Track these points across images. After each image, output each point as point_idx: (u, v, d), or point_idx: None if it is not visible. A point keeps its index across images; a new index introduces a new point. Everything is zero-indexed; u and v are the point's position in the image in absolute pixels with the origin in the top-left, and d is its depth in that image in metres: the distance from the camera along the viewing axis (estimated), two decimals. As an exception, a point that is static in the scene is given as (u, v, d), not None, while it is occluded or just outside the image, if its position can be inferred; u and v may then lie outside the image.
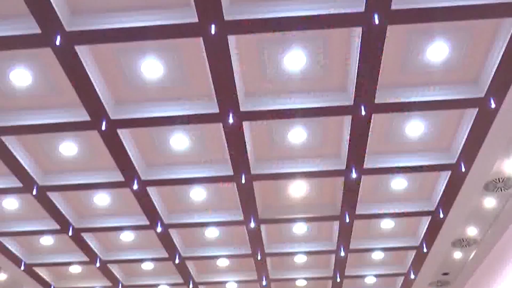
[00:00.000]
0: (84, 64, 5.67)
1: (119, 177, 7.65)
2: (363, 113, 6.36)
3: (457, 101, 6.27)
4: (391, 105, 6.33)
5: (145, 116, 6.44)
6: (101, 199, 8.40)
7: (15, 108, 6.48)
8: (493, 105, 6.25)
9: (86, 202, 8.55)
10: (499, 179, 7.82)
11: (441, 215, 8.67)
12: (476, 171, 7.58)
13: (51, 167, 7.64)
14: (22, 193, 8.01)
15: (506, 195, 8.23)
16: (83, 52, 5.61)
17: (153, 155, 7.46)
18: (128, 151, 7.08)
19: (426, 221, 9.08)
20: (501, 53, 5.65)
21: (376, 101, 6.24)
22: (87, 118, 6.44)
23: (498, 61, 5.75)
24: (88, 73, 5.79)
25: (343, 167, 7.46)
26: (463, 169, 7.46)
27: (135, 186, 7.77)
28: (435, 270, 10.89)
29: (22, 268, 10.34)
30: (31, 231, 9.12)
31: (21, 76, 5.98)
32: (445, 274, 11.11)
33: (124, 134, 6.86)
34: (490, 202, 8.39)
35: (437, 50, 5.78)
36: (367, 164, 7.43)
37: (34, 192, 7.83)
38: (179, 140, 7.10)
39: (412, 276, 11.08)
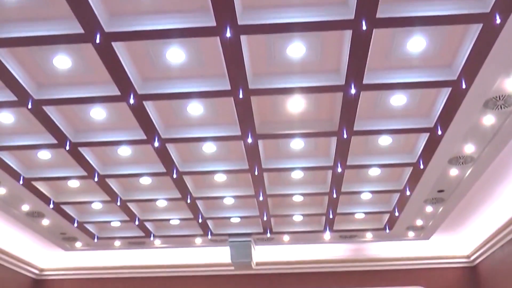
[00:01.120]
0: (76, -27, 5.48)
1: (115, 91, 7.55)
2: (364, 27, 6.21)
3: (460, 16, 6.11)
4: (393, 19, 6.18)
5: (140, 29, 6.28)
6: (97, 113, 8.33)
7: (6, 20, 6.30)
8: (498, 21, 6.10)
9: (82, 116, 8.49)
10: (499, 96, 7.76)
11: (439, 132, 8.65)
12: (477, 88, 7.50)
13: (45, 80, 7.52)
14: (17, 107, 7.93)
15: (506, 113, 8.19)
16: (75, -40, 5.41)
17: (149, 69, 7.34)
18: (123, 64, 6.95)
19: (424, 138, 9.07)
20: (509, -35, 5.46)
21: (378, 15, 6.08)
22: (80, 30, 6.28)
23: (505, -26, 5.58)
24: (80, -17, 5.61)
25: (342, 82, 7.36)
26: (464, 86, 7.37)
27: (132, 101, 7.69)
28: (431, 187, 11.00)
29: (21, 182, 10.41)
30: (28, 145, 9.11)
31: (11, -14, 5.80)
32: (441, 191, 11.23)
33: (119, 48, 6.71)
34: (489, 119, 8.35)
35: (443, -38, 5.58)
36: (367, 80, 7.33)
37: (29, 106, 7.76)
38: (175, 54, 6.96)
39: (408, 193, 11.20)
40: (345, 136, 8.76)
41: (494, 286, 13.71)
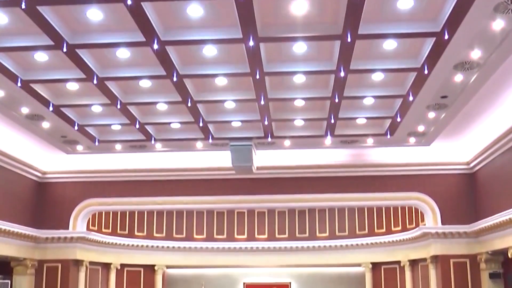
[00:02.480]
0: None
1: (112, -9, 7.31)
2: None
3: None
4: None
5: None
6: (94, 14, 8.06)
7: None
8: None
9: (79, 17, 8.22)
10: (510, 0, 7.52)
11: (446, 37, 8.43)
12: (488, -10, 7.25)
13: (39, -22, 7.26)
14: (10, 7, 7.66)
15: (516, 17, 7.96)
16: None
17: (147, -32, 7.07)
18: (119, -38, 6.68)
19: (430, 43, 8.85)
20: None
21: None
22: None
23: None
24: None
25: (348, -17, 7.12)
26: (474, -12, 7.13)
27: (129, 1, 7.43)
28: (434, 93, 10.89)
29: (19, 84, 10.28)
30: (24, 47, 8.92)
31: None
32: (444, 97, 11.13)
33: None
34: (498, 24, 8.10)
35: None
36: (373, -19, 7.08)
37: (23, 6, 7.50)
38: (174, -49, 6.67)
39: (411, 98, 11.09)
40: (349, 39, 8.55)
41: (492, 192, 13.88)
